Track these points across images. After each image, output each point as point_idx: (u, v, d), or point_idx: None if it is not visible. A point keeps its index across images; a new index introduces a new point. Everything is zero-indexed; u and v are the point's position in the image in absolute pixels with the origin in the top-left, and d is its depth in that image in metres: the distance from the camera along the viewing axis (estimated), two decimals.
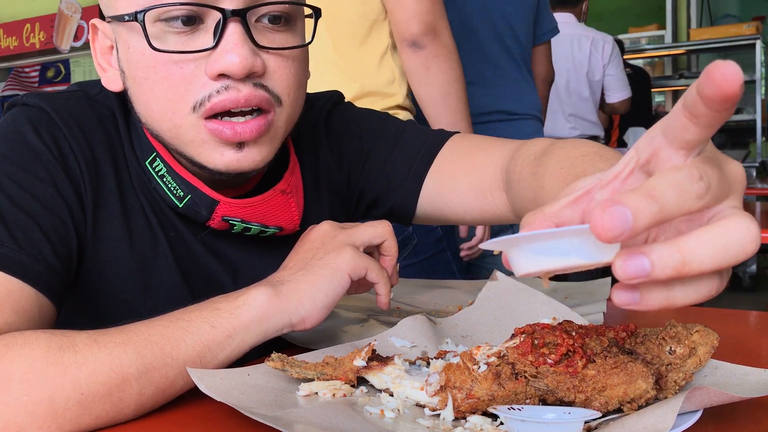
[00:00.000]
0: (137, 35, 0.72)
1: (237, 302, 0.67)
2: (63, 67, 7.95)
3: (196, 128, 0.73)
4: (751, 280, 5.14)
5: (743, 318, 0.96)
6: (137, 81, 0.75)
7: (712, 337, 0.57)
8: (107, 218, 0.77)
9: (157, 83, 0.73)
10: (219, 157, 0.75)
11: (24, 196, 0.71)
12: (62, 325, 0.67)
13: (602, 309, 0.86)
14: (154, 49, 0.71)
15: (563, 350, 0.56)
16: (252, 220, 0.80)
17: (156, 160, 0.79)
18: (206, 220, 0.80)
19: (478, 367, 0.57)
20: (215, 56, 0.71)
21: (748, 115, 5.64)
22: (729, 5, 6.72)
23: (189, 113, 0.73)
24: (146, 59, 0.73)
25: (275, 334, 0.69)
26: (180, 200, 0.79)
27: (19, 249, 0.67)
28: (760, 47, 5.46)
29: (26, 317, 0.66)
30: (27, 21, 7.73)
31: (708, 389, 0.51)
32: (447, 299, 1.01)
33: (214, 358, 0.65)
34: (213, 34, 0.71)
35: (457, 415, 0.57)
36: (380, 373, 0.63)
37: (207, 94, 0.72)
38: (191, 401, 0.63)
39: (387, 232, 0.77)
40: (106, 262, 0.78)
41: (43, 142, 0.74)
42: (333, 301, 0.71)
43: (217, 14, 0.71)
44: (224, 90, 0.71)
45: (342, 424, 0.54)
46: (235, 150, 0.74)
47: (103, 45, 0.81)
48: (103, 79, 0.81)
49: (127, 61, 0.75)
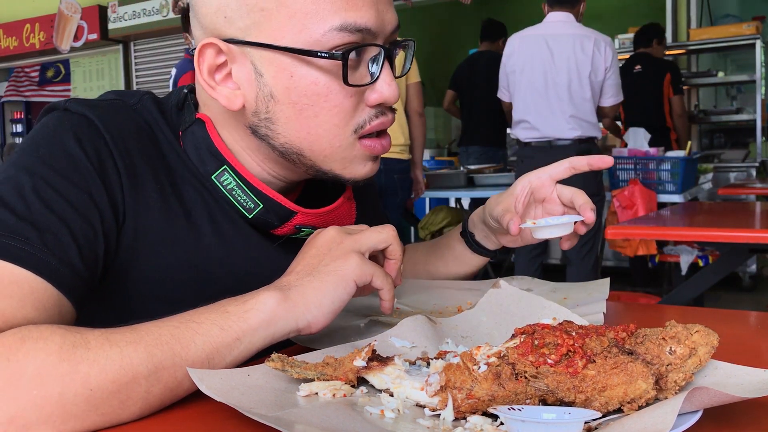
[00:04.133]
0: (309, 66, 0.79)
1: (246, 306, 0.68)
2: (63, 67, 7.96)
3: (352, 146, 0.84)
4: (751, 280, 5.14)
5: (743, 318, 0.96)
6: (298, 107, 0.81)
7: (712, 337, 0.57)
8: (149, 224, 0.80)
9: (326, 110, 0.81)
10: (362, 168, 0.86)
11: (58, 200, 0.72)
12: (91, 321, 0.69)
13: (602, 309, 0.86)
14: (350, 85, 0.80)
15: (563, 350, 0.56)
16: (321, 226, 0.86)
17: (224, 174, 0.85)
18: (275, 228, 0.86)
19: (479, 367, 0.57)
20: (376, 87, 0.83)
21: (748, 115, 5.65)
22: (729, 5, 6.72)
23: (350, 134, 0.83)
24: (318, 89, 0.80)
25: (282, 338, 0.70)
26: (249, 211, 0.85)
27: (47, 250, 0.69)
28: (760, 47, 5.46)
29: (46, 315, 0.67)
30: (27, 21, 7.74)
31: (708, 389, 0.51)
32: (447, 299, 1.01)
33: (222, 360, 0.65)
34: (368, 67, 0.82)
35: (457, 415, 0.57)
36: (380, 373, 0.63)
37: (366, 118, 0.84)
38: (191, 401, 0.63)
39: (391, 236, 0.79)
40: (145, 269, 0.80)
41: (83, 149, 0.76)
42: (339, 307, 0.73)
43: (373, 50, 0.82)
44: (380, 115, 0.84)
45: (342, 425, 0.54)
46: (373, 162, 0.87)
47: (212, 63, 0.82)
48: (216, 96, 0.83)
49: (286, 88, 0.80)
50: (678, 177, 3.91)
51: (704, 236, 2.13)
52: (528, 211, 0.99)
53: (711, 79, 5.84)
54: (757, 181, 4.74)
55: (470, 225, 1.09)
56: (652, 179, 3.98)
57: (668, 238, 3.59)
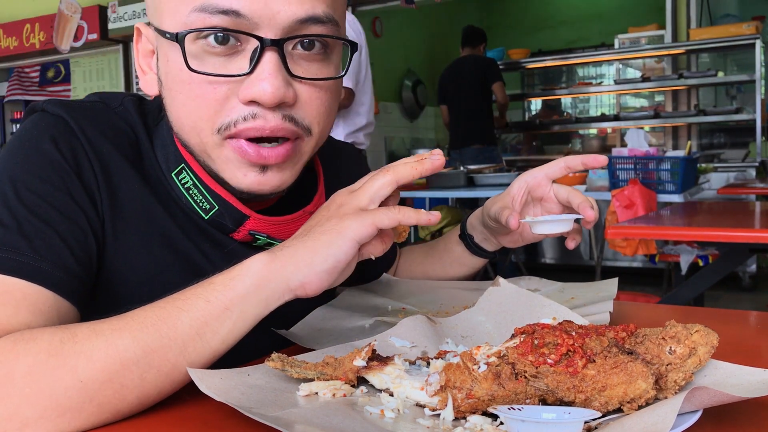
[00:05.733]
0: (177, 51, 0.74)
1: (231, 274, 0.66)
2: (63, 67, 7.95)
3: (219, 146, 0.76)
4: (751, 280, 5.14)
5: (743, 318, 0.96)
6: (172, 93, 0.77)
7: (712, 337, 0.57)
8: (125, 227, 0.79)
9: (190, 99, 0.75)
10: (242, 177, 0.77)
11: (41, 205, 0.72)
12: None
13: (609, 309, 0.86)
14: (191, 70, 0.73)
15: (563, 350, 0.56)
16: (278, 237, 0.82)
17: (183, 172, 0.81)
18: (231, 232, 0.82)
19: (478, 367, 0.57)
20: (249, 82, 0.72)
21: (747, 115, 5.64)
22: (729, 5, 6.72)
23: (213, 133, 0.75)
24: (183, 75, 0.74)
25: (277, 302, 0.67)
26: (206, 212, 0.81)
27: (39, 257, 0.69)
28: (759, 47, 5.46)
29: (44, 318, 0.67)
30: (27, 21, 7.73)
31: (708, 389, 0.51)
32: (452, 300, 1.01)
33: (214, 334, 0.64)
34: (249, 60, 0.73)
35: (457, 415, 0.57)
36: (380, 373, 0.63)
37: (235, 119, 0.73)
38: (191, 401, 0.63)
39: (390, 175, 0.70)
40: (127, 268, 0.79)
41: (59, 150, 0.76)
42: (333, 266, 0.67)
43: (255, 41, 0.72)
44: (251, 118, 0.73)
45: (342, 424, 0.54)
46: (258, 172, 0.76)
47: (146, 48, 0.83)
48: (141, 81, 0.83)
49: (166, 73, 0.77)
50: (678, 177, 3.91)
51: (704, 236, 2.13)
52: (526, 210, 0.99)
53: (711, 79, 5.83)
54: (757, 181, 4.74)
55: (469, 227, 1.08)
56: (651, 179, 3.98)
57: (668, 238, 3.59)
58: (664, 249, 4.22)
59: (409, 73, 7.80)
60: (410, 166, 0.71)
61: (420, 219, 0.69)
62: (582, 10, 8.42)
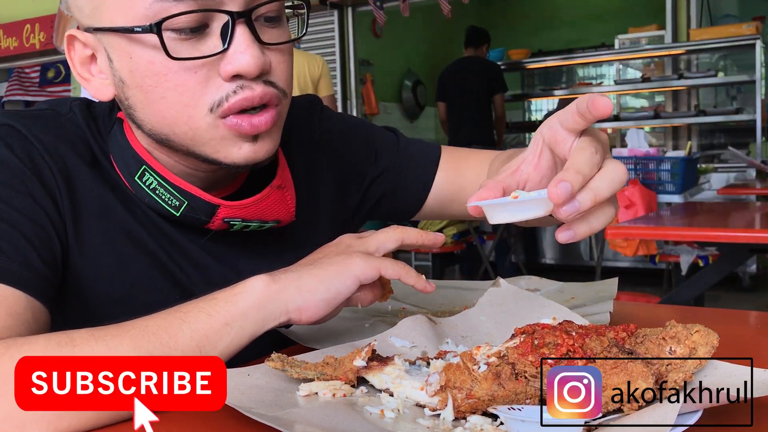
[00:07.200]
0: (142, 45, 0.73)
1: (234, 290, 0.68)
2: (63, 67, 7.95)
3: (214, 127, 0.76)
4: (751, 280, 5.14)
5: (743, 318, 0.97)
6: (144, 89, 0.75)
7: (712, 337, 0.57)
8: (87, 227, 0.79)
9: (170, 90, 0.74)
10: (237, 151, 0.77)
11: (3, 209, 0.72)
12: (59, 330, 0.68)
13: (609, 309, 0.86)
14: (174, 59, 0.72)
15: (563, 350, 0.56)
16: (251, 218, 0.82)
17: (145, 173, 0.81)
18: (205, 224, 0.81)
19: (478, 367, 0.57)
20: (228, 59, 0.73)
21: (748, 115, 5.63)
22: (729, 5, 6.72)
23: (206, 114, 0.75)
24: (156, 67, 0.73)
25: (274, 323, 0.68)
26: (176, 209, 0.80)
27: (6, 258, 0.69)
28: (759, 47, 5.45)
29: (20, 320, 0.67)
30: (27, 21, 7.73)
31: (708, 389, 0.51)
32: (453, 300, 1.01)
33: (213, 348, 0.65)
34: (221, 37, 0.73)
35: (457, 415, 0.57)
36: (380, 373, 0.63)
37: (224, 95, 0.74)
38: None
39: (399, 233, 0.78)
40: (92, 267, 0.79)
41: (17, 156, 0.76)
42: (333, 296, 0.70)
43: (222, 17, 0.72)
44: (240, 90, 0.74)
45: (342, 425, 0.54)
46: (251, 143, 0.78)
47: (82, 55, 0.81)
48: (89, 89, 0.81)
49: (130, 71, 0.76)
50: (678, 177, 3.91)
51: (704, 236, 2.14)
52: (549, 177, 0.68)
53: (711, 79, 5.83)
54: (757, 181, 4.74)
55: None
56: (651, 179, 3.98)
57: (668, 238, 3.59)
58: (664, 249, 4.22)
59: (409, 74, 7.81)
60: (417, 233, 0.78)
61: (417, 284, 0.74)
62: (582, 11, 8.42)
